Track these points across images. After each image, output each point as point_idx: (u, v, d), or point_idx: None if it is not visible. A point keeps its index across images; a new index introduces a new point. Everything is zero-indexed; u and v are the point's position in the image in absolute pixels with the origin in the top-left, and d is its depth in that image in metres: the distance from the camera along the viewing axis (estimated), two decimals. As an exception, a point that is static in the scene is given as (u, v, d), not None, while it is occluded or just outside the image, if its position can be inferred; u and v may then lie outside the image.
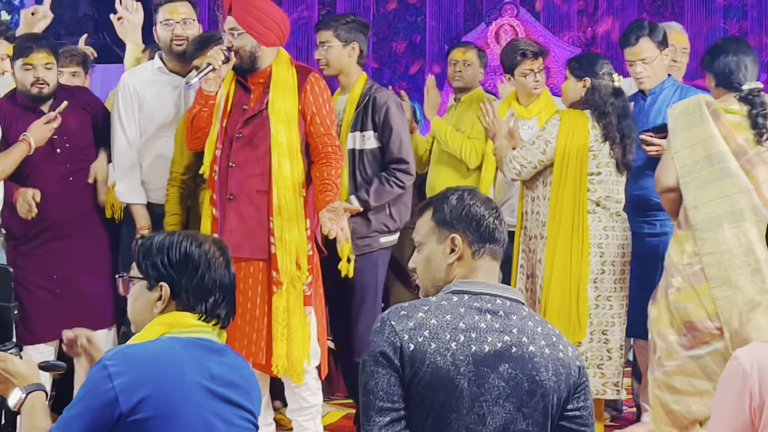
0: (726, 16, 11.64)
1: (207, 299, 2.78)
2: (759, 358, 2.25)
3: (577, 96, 5.24)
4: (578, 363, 2.69)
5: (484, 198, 2.77)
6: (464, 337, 2.56)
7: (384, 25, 12.16)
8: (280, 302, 4.86)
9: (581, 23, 11.82)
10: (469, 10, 11.97)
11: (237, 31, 4.91)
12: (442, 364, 2.53)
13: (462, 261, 2.71)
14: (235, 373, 2.79)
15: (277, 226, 4.85)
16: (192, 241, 2.81)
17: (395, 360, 2.54)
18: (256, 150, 4.90)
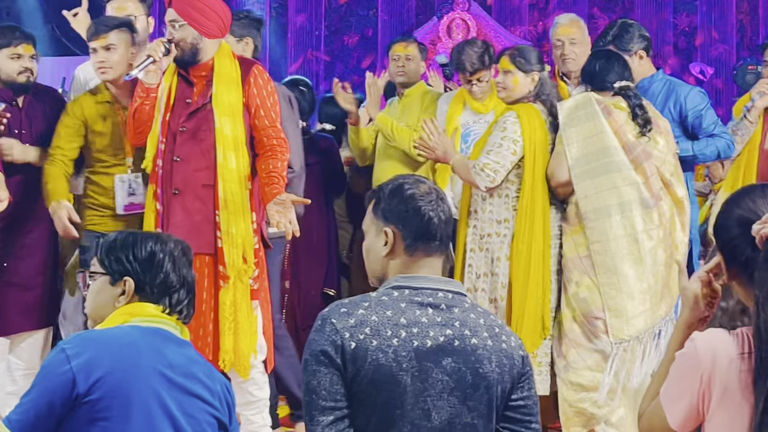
0: (676, 11, 11.72)
1: (171, 295, 2.82)
2: (715, 345, 2.25)
3: (526, 91, 5.18)
4: (521, 353, 2.68)
5: (425, 190, 2.70)
6: (406, 333, 2.55)
7: (336, 18, 12.13)
8: (227, 297, 4.83)
9: (532, 17, 11.85)
10: (420, 4, 11.97)
11: (178, 23, 4.85)
12: (384, 361, 2.52)
13: (396, 255, 2.68)
14: (196, 366, 2.79)
15: (224, 220, 4.82)
16: (157, 239, 2.86)
17: (337, 358, 2.51)
18: (200, 144, 4.86)
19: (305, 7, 11.97)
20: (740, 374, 2.22)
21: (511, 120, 5.11)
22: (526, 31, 11.59)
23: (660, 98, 5.43)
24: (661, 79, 5.53)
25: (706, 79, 11.26)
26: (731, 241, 2.30)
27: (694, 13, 11.63)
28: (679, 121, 5.42)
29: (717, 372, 2.23)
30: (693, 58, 11.59)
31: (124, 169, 5.06)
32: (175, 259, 2.84)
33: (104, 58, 5.02)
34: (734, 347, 2.24)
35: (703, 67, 11.29)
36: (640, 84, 5.48)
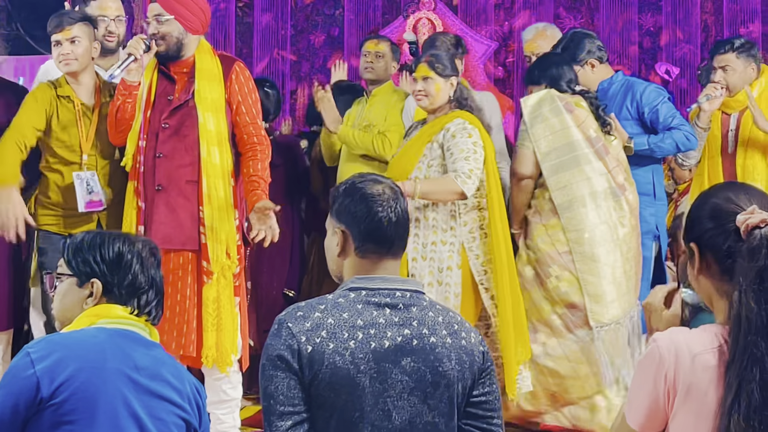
0: (641, 11, 11.76)
1: (140, 297, 2.84)
2: (677, 344, 2.27)
3: (446, 96, 5.17)
4: (482, 348, 2.68)
5: (379, 190, 2.68)
6: (363, 335, 2.54)
7: (302, 17, 12.09)
8: (210, 293, 4.87)
9: (498, 17, 11.85)
10: (387, 3, 11.94)
11: (163, 17, 4.88)
12: (342, 363, 2.51)
13: (348, 255, 2.68)
14: (164, 368, 2.79)
15: (208, 216, 4.86)
16: (125, 240, 2.86)
17: (293, 363, 2.51)
18: (184, 140, 4.89)
19: (271, 7, 11.94)
20: (705, 371, 2.23)
21: (470, 127, 5.07)
22: (492, 31, 11.59)
23: (618, 98, 5.48)
24: (620, 80, 5.57)
25: (671, 79, 11.31)
26: (710, 232, 2.32)
27: (659, 13, 11.67)
28: (638, 118, 5.47)
29: (680, 370, 2.24)
30: (658, 58, 11.64)
31: (79, 167, 5.01)
32: (143, 259, 2.85)
33: (69, 51, 5.01)
34: (697, 344, 2.26)
35: (668, 67, 11.34)
36: (600, 87, 5.54)
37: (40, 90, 5.14)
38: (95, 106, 5.10)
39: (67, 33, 5.03)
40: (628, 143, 5.36)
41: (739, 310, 2.22)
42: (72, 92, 5.08)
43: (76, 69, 5.06)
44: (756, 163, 5.72)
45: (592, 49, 5.57)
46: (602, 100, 5.53)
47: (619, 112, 5.49)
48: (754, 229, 2.25)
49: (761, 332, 2.21)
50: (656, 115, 5.46)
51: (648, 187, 5.52)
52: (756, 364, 2.20)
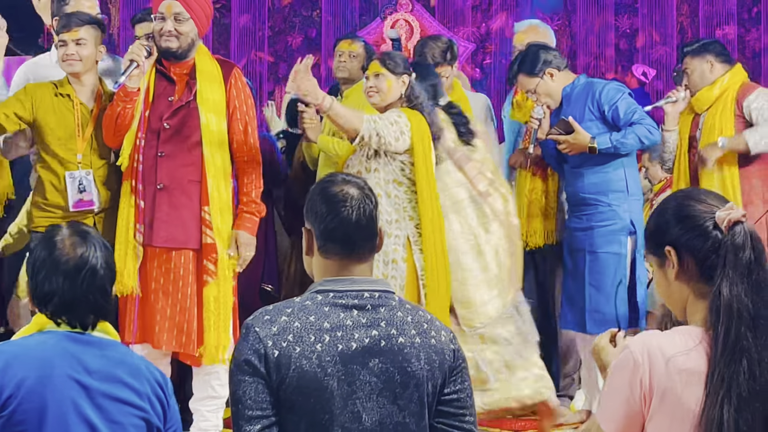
0: (617, 13, 11.81)
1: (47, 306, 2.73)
2: (649, 347, 2.28)
3: (398, 93, 5.17)
4: (452, 346, 2.66)
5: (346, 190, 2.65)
6: (329, 337, 2.53)
7: (279, 19, 12.08)
8: (211, 292, 4.90)
9: (475, 19, 11.87)
10: (364, 5, 11.95)
11: (183, 16, 4.89)
12: (308, 367, 2.50)
13: (314, 256, 2.67)
14: (119, 369, 2.71)
15: (214, 216, 4.90)
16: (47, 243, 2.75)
17: (260, 367, 2.50)
18: (186, 140, 4.92)
19: (249, 8, 11.92)
20: (680, 373, 2.24)
21: (403, 116, 5.07)
22: (470, 33, 11.61)
23: (580, 100, 5.52)
24: (581, 83, 5.60)
25: (648, 80, 11.35)
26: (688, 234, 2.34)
27: (635, 15, 11.72)
28: (601, 117, 5.50)
29: (655, 374, 2.25)
30: (634, 60, 11.68)
31: (75, 165, 5.02)
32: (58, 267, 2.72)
33: (73, 51, 5.00)
34: (671, 346, 2.27)
35: (645, 69, 11.39)
36: (564, 92, 5.58)
37: (34, 85, 5.14)
38: (95, 109, 5.09)
39: (74, 34, 5.02)
40: (591, 143, 5.39)
41: (730, 302, 2.24)
42: (72, 91, 5.07)
43: (79, 70, 5.05)
44: None
45: (548, 59, 5.61)
46: (567, 105, 5.57)
47: (582, 113, 5.52)
48: (735, 225, 2.29)
49: (748, 323, 2.24)
50: (616, 111, 5.49)
51: (620, 183, 5.54)
52: (744, 356, 2.22)
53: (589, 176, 5.50)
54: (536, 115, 5.57)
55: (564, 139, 5.41)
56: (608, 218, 5.48)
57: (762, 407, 2.21)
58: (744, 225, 2.29)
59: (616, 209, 5.48)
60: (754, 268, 2.27)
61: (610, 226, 5.47)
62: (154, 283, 4.92)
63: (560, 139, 5.43)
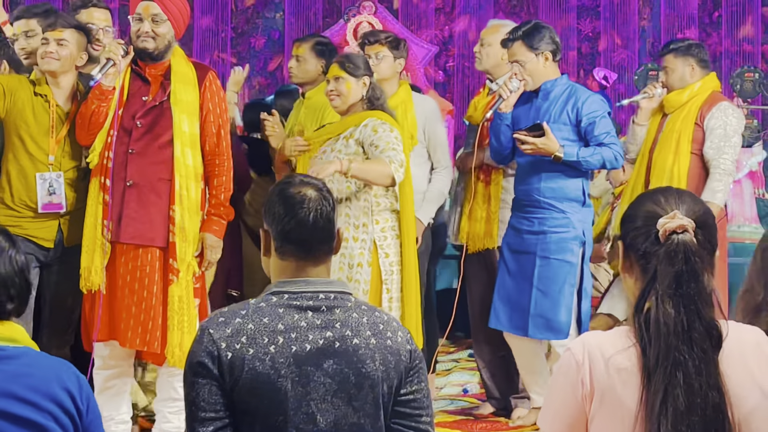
0: (579, 17, 11.86)
1: None
2: (589, 348, 2.28)
3: (359, 96, 5.17)
4: (409, 347, 2.66)
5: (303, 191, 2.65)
6: (283, 339, 2.52)
7: (243, 20, 12.06)
8: (176, 291, 4.89)
9: (439, 21, 11.90)
10: (327, 7, 11.95)
11: (160, 18, 4.91)
12: (262, 369, 2.49)
13: (272, 257, 2.67)
14: (15, 383, 2.44)
15: (179, 215, 4.90)
16: None
17: (214, 369, 2.49)
18: (157, 139, 4.93)
19: (211, 9, 11.89)
20: (618, 373, 2.25)
21: (389, 126, 5.08)
22: (433, 35, 11.64)
23: (560, 101, 5.50)
24: (564, 83, 5.57)
25: (609, 84, 11.41)
26: (633, 232, 2.33)
27: (598, 18, 11.78)
28: (574, 125, 5.48)
29: (595, 374, 2.26)
30: (596, 64, 11.74)
31: (46, 167, 4.99)
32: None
33: (53, 50, 5.00)
34: (610, 346, 2.28)
35: (606, 73, 11.45)
36: (543, 86, 5.52)
37: (12, 78, 5.15)
38: (70, 111, 5.07)
39: (57, 34, 5.02)
40: (558, 152, 5.37)
41: (657, 315, 2.23)
42: (50, 92, 5.05)
43: (55, 69, 5.03)
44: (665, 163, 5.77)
45: (552, 42, 5.56)
46: (544, 100, 5.54)
47: (559, 115, 5.49)
48: (672, 234, 2.27)
49: (681, 337, 2.22)
50: (592, 127, 5.46)
51: (577, 193, 5.52)
52: (679, 369, 2.21)
53: (547, 180, 5.46)
54: (511, 87, 5.46)
55: (532, 142, 5.36)
56: (562, 225, 5.44)
57: (702, 421, 2.20)
58: (679, 236, 2.27)
59: (570, 217, 5.44)
60: (684, 280, 2.24)
61: (564, 233, 5.43)
62: (121, 280, 4.92)
63: (529, 140, 5.38)
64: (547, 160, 5.41)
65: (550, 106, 5.50)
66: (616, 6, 11.68)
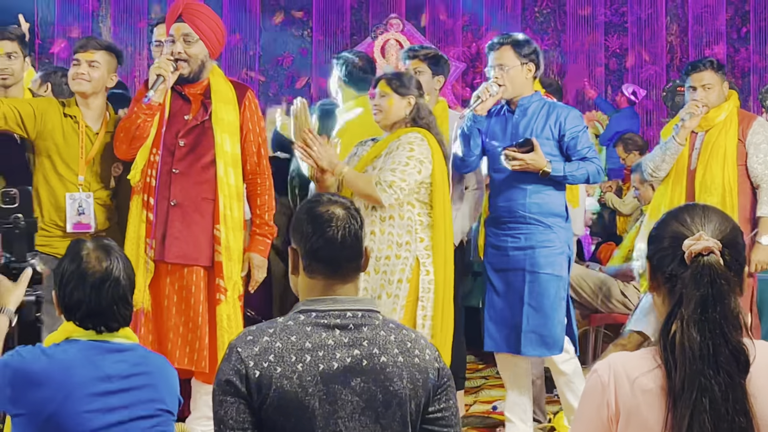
0: (607, 33, 11.87)
1: (75, 313, 3.05)
2: (615, 369, 2.28)
3: (402, 114, 5.16)
4: (437, 365, 2.65)
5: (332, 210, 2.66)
6: (311, 357, 2.53)
7: (270, 38, 12.13)
8: (224, 310, 4.90)
9: (466, 39, 11.94)
10: (355, 24, 12.02)
11: (191, 38, 4.90)
12: (289, 387, 2.50)
13: (300, 275, 2.68)
14: (137, 369, 3.03)
15: (223, 235, 4.91)
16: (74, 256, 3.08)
17: (242, 388, 2.50)
18: (200, 159, 4.93)
19: (240, 27, 11.97)
20: (644, 394, 2.24)
21: (418, 141, 5.08)
22: (460, 52, 11.67)
23: (540, 117, 5.47)
24: (539, 100, 5.54)
25: (637, 100, 11.40)
26: (660, 253, 2.32)
27: (625, 35, 11.78)
28: (556, 140, 5.45)
29: (621, 395, 2.26)
30: (624, 80, 11.74)
31: (75, 187, 5.03)
32: (84, 277, 3.05)
33: (84, 71, 5.04)
34: (635, 368, 2.27)
35: (635, 88, 11.43)
36: (520, 102, 5.49)
37: (43, 100, 5.19)
38: (100, 132, 5.11)
39: (88, 55, 5.06)
40: (546, 167, 5.35)
41: (682, 340, 2.22)
42: (79, 113, 5.09)
43: (86, 90, 5.07)
44: (714, 178, 5.80)
45: (538, 56, 5.56)
46: (522, 116, 5.52)
47: (541, 130, 5.47)
48: (697, 256, 2.26)
49: (707, 361, 2.21)
50: (575, 141, 5.44)
51: (561, 208, 5.50)
52: (705, 394, 2.19)
53: (532, 196, 5.41)
54: (491, 91, 5.40)
55: (522, 158, 5.31)
56: (549, 239, 5.40)
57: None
58: (705, 258, 2.25)
59: (557, 232, 5.42)
60: (710, 304, 2.22)
61: (551, 247, 5.39)
62: (167, 300, 4.94)
63: (518, 156, 5.34)
64: (531, 176, 5.36)
65: (530, 122, 5.47)
66: (644, 22, 11.68)
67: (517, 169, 5.27)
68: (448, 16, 11.95)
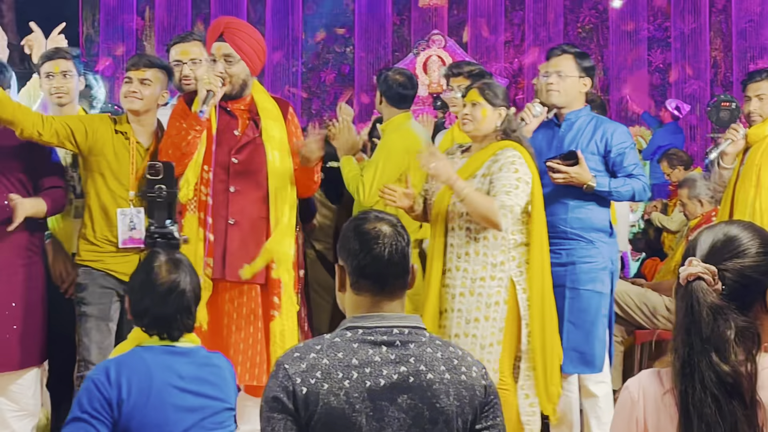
0: (650, 48, 11.82)
1: (143, 320, 3.33)
2: (645, 385, 2.30)
3: (493, 125, 5.08)
4: (484, 382, 2.65)
5: (379, 227, 2.67)
6: (357, 374, 2.53)
7: (313, 55, 12.19)
8: (277, 327, 4.95)
9: (508, 54, 11.94)
10: (397, 41, 12.05)
11: (233, 59, 4.93)
12: (336, 403, 2.50)
13: (347, 292, 2.68)
14: (204, 370, 3.30)
15: (278, 249, 4.95)
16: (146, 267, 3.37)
17: (289, 404, 2.51)
18: (255, 176, 4.97)
19: (282, 45, 12.04)
20: (668, 409, 2.25)
21: (519, 159, 4.95)
22: (502, 68, 11.66)
23: (587, 132, 5.41)
24: (588, 114, 5.49)
25: (681, 115, 11.34)
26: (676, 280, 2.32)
27: (668, 50, 11.73)
28: (602, 155, 5.39)
29: (649, 411, 2.28)
30: (667, 95, 11.68)
31: (126, 202, 5.07)
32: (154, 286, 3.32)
33: (136, 90, 5.08)
34: (662, 384, 2.28)
35: (679, 104, 11.38)
36: (567, 116, 5.44)
37: (94, 116, 5.27)
38: (150, 148, 5.15)
39: (140, 73, 5.11)
40: (591, 182, 5.29)
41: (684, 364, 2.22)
42: (130, 130, 5.14)
43: (138, 108, 5.13)
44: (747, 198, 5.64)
45: (594, 76, 5.52)
46: (568, 130, 5.46)
47: (586, 145, 5.41)
48: (693, 281, 2.24)
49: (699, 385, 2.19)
50: (622, 158, 5.38)
51: (605, 223, 5.43)
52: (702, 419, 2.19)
53: (575, 211, 5.34)
54: (534, 112, 5.40)
55: (566, 170, 5.25)
56: (591, 255, 5.33)
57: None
58: (693, 284, 2.23)
59: (599, 247, 5.33)
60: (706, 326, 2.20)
61: (593, 263, 5.32)
62: (226, 318, 4.99)
63: (563, 169, 5.28)
64: (573, 190, 5.29)
65: (576, 136, 5.40)
66: (687, 37, 11.63)
67: (560, 183, 5.19)
68: (490, 32, 11.96)
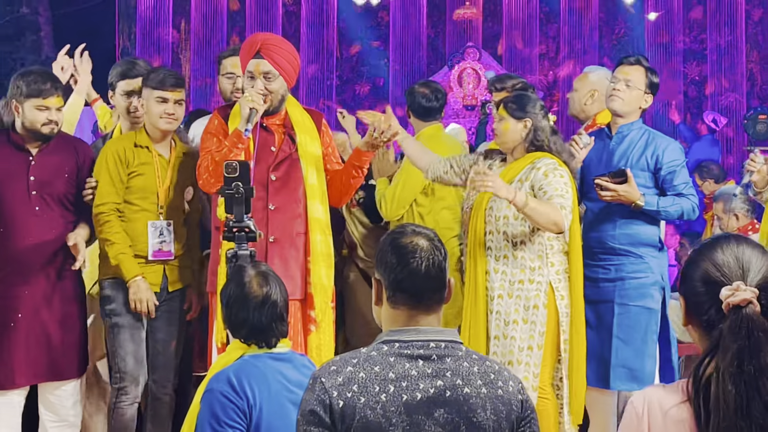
0: (686, 60, 11.77)
1: (240, 331, 3.63)
2: (650, 400, 2.29)
3: (517, 138, 5.09)
4: (521, 397, 2.66)
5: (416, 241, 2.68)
6: (394, 388, 2.54)
7: (347, 68, 12.22)
8: (313, 341, 5.00)
9: (543, 67, 11.93)
10: (431, 54, 12.07)
11: (272, 76, 4.94)
12: (373, 417, 2.51)
13: (384, 306, 2.69)
14: (302, 373, 3.55)
15: (315, 267, 5.00)
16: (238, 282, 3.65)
17: (326, 418, 2.52)
18: (293, 193, 5.00)
19: (317, 58, 12.07)
20: (675, 425, 2.24)
21: (559, 167, 4.98)
22: (537, 81, 11.63)
23: (638, 146, 5.36)
24: (640, 128, 5.43)
25: (718, 128, 11.28)
26: (695, 296, 2.29)
27: (705, 62, 11.67)
28: (652, 172, 5.33)
29: (653, 426, 2.27)
30: (703, 107, 11.63)
31: (155, 215, 5.10)
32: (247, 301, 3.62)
33: (173, 111, 5.13)
34: (669, 399, 2.27)
35: (716, 116, 11.32)
36: (620, 129, 5.40)
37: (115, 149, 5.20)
38: (171, 159, 5.20)
39: (177, 94, 5.16)
40: (640, 201, 5.24)
41: (717, 392, 2.19)
42: (150, 143, 5.18)
43: (173, 129, 5.24)
44: None
45: (656, 92, 5.45)
46: (619, 143, 5.43)
47: (637, 160, 5.34)
48: (736, 308, 2.20)
49: (740, 413, 2.17)
50: (672, 176, 5.30)
51: (654, 238, 5.37)
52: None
53: (623, 227, 5.28)
54: (582, 143, 5.36)
55: (614, 188, 5.20)
56: (640, 270, 5.28)
57: None
58: (744, 310, 2.19)
59: (649, 262, 5.27)
60: (746, 357, 2.17)
61: (642, 278, 5.27)
62: None
63: (611, 187, 5.24)
64: (622, 207, 5.24)
65: (627, 150, 5.35)
66: (723, 49, 11.57)
67: (608, 200, 5.16)
68: (525, 44, 11.95)
